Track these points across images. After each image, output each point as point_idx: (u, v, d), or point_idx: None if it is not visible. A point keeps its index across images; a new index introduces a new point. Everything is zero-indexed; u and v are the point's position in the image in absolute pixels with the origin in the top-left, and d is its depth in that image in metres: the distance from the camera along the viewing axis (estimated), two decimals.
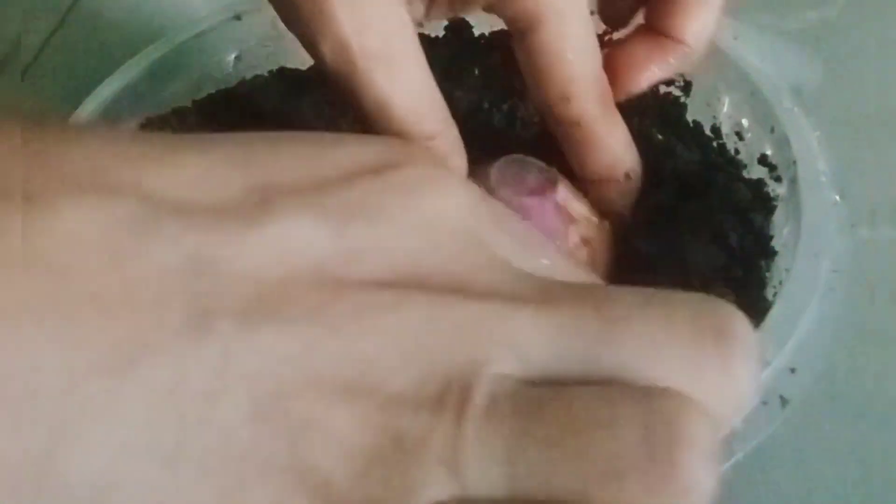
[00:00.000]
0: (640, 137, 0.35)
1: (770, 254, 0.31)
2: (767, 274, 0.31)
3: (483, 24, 0.42)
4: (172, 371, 0.17)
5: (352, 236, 0.19)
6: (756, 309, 0.30)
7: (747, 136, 0.35)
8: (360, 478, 0.17)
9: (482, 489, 0.17)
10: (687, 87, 0.38)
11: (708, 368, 0.18)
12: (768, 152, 0.34)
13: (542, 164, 0.33)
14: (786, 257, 0.30)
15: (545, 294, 0.19)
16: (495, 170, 0.32)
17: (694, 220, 0.32)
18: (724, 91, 0.36)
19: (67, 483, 0.16)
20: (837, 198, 0.31)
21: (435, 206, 0.20)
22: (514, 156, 0.33)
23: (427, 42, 0.41)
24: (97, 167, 0.18)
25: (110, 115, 0.35)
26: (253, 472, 0.17)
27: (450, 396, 0.18)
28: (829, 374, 0.27)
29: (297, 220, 0.19)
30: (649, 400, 0.18)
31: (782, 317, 0.27)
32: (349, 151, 0.21)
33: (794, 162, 0.31)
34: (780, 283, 0.30)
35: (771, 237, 0.31)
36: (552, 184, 0.32)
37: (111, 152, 0.19)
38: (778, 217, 0.32)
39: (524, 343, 0.18)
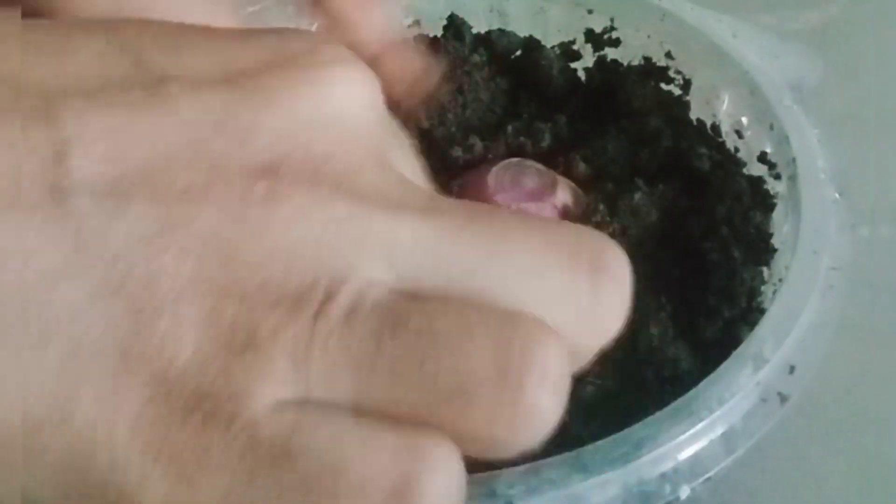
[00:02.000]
0: (648, 136, 0.35)
1: (770, 251, 0.31)
2: (767, 271, 0.31)
3: (481, 23, 0.42)
4: (21, 245, 0.17)
5: (240, 121, 0.18)
6: (752, 311, 0.30)
7: (747, 133, 0.35)
8: (200, 366, 0.17)
9: (328, 395, 0.17)
10: (686, 85, 0.38)
11: (578, 296, 0.19)
12: (768, 150, 0.34)
13: (540, 166, 0.33)
14: (785, 255, 0.30)
15: (429, 205, 0.19)
16: (492, 175, 0.32)
17: (696, 216, 0.32)
18: (723, 89, 0.36)
19: None
20: (837, 195, 0.31)
21: (332, 99, 0.20)
22: (512, 160, 0.33)
23: (426, 42, 0.41)
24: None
25: None
26: (92, 353, 0.17)
27: (312, 296, 0.18)
28: (828, 372, 0.27)
29: (179, 103, 0.18)
30: (505, 324, 0.18)
31: (781, 314, 0.27)
32: (250, 45, 0.20)
33: (794, 159, 0.31)
34: (780, 280, 0.30)
35: (771, 235, 0.31)
36: (551, 187, 0.32)
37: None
38: (777, 215, 0.32)
39: (399, 251, 0.18)
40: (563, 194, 0.32)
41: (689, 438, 0.24)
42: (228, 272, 0.17)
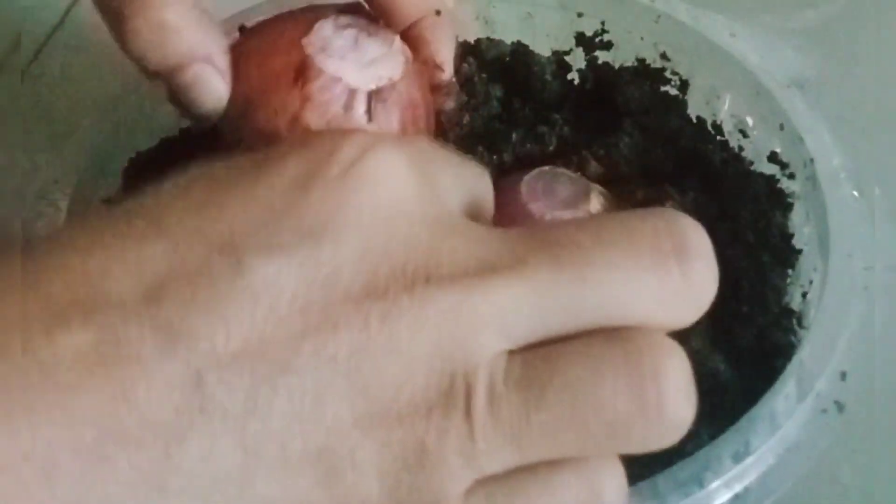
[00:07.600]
0: (665, 137, 0.34)
1: (794, 253, 0.31)
2: (792, 272, 0.31)
3: (468, 32, 0.41)
4: (201, 453, 0.19)
5: (316, 261, 0.20)
6: (784, 314, 0.29)
7: (752, 133, 0.35)
8: (393, 492, 0.19)
9: (500, 467, 0.20)
10: (684, 86, 0.37)
11: (672, 286, 0.20)
12: (778, 150, 0.33)
13: (572, 174, 0.32)
14: (810, 257, 0.30)
15: (512, 257, 0.20)
16: (525, 184, 0.31)
17: (720, 222, 0.31)
18: (723, 89, 0.36)
19: None
20: (856, 193, 0.30)
21: (379, 193, 0.21)
22: (543, 168, 0.32)
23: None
24: (81, 286, 0.19)
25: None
26: None
27: (456, 395, 0.19)
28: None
29: (264, 268, 0.19)
30: (629, 352, 0.20)
31: (826, 323, 0.26)
32: (271, 175, 0.21)
33: (811, 160, 0.31)
34: (811, 282, 0.29)
35: (792, 235, 0.31)
36: (584, 195, 0.31)
37: (84, 268, 0.19)
38: (796, 215, 0.32)
39: (507, 317, 0.20)
40: (597, 201, 0.31)
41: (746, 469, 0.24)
42: (379, 402, 0.19)
